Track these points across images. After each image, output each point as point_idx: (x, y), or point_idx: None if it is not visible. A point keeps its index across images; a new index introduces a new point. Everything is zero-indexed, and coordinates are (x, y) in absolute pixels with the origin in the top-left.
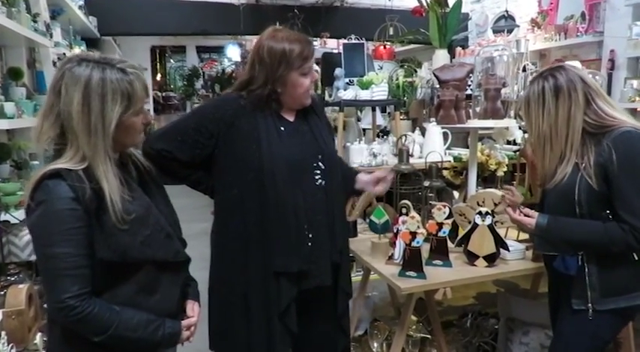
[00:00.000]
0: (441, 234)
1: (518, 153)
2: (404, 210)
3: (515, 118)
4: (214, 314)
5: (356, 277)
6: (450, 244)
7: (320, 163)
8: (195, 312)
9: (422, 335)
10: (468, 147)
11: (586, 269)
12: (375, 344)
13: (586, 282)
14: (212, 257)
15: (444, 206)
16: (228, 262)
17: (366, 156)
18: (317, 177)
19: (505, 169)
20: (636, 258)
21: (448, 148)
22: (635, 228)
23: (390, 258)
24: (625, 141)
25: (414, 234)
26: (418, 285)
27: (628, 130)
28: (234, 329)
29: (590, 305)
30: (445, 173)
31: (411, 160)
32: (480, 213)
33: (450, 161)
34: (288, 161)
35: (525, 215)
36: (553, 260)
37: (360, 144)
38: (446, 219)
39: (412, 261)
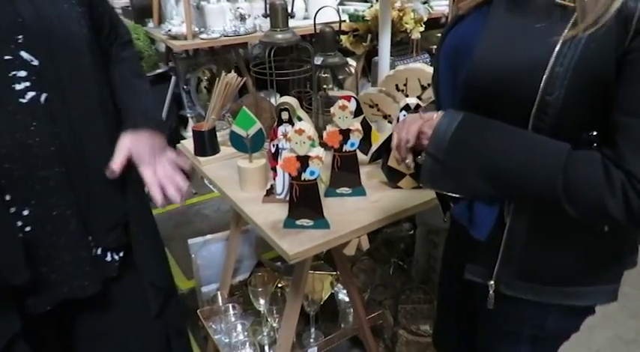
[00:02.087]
0: (347, 147)
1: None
2: (284, 116)
3: None
4: None
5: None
6: (361, 156)
7: (24, 53)
8: None
9: (326, 273)
10: (366, 0)
11: (508, 223)
12: (262, 301)
13: (500, 242)
14: None
15: (349, 98)
16: None
17: (231, 19)
18: (20, 87)
19: (422, 29)
20: (606, 229)
21: (341, 3)
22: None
23: (270, 192)
24: None
25: (304, 161)
26: (317, 244)
27: None
28: None
29: (492, 282)
30: (343, 39)
31: (293, 23)
32: (406, 107)
33: (344, 21)
34: None
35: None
36: (452, 200)
37: (221, 3)
38: (355, 116)
39: (305, 202)
